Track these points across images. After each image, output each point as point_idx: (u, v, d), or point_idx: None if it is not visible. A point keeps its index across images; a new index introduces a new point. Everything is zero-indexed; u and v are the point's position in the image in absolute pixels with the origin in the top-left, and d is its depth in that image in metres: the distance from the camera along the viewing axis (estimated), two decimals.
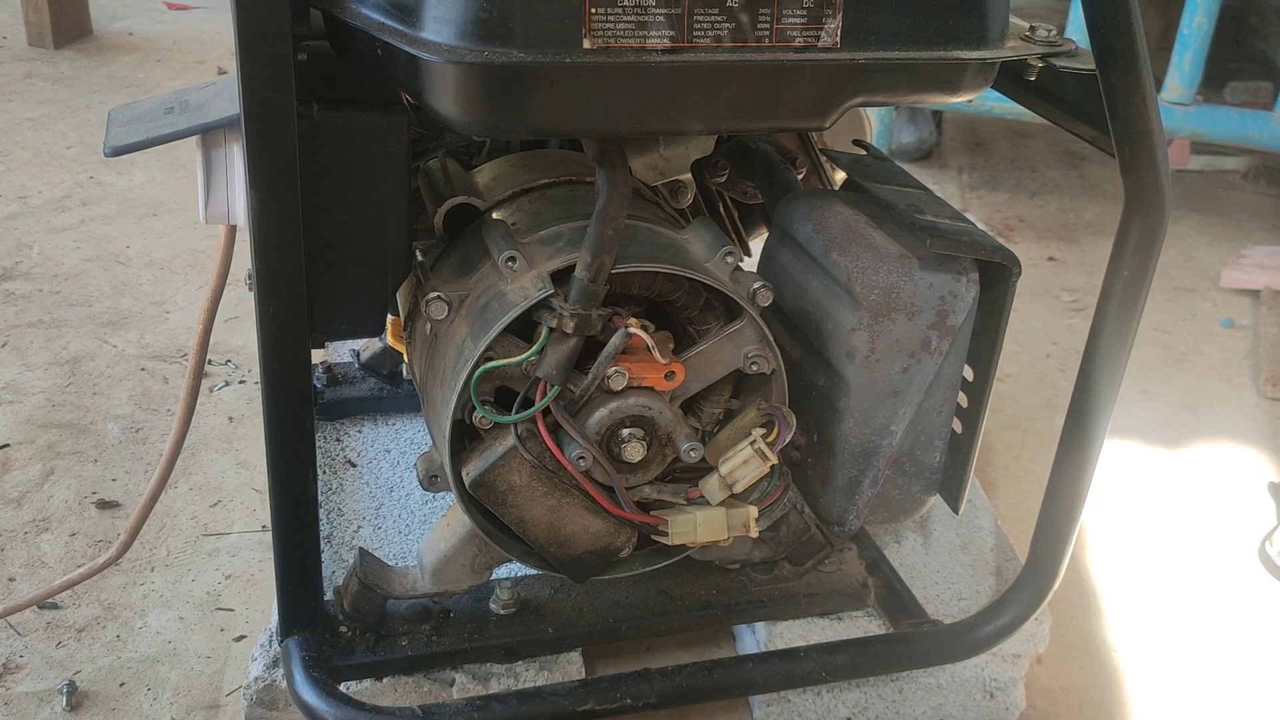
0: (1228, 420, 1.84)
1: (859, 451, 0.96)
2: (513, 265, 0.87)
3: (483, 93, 0.74)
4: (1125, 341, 0.95)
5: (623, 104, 0.77)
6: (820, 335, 0.96)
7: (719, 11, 0.76)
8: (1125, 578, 1.45)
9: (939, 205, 0.97)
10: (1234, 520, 1.58)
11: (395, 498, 1.28)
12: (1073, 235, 2.51)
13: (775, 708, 1.12)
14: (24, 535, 1.38)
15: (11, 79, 2.96)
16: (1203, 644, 1.35)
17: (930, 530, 1.29)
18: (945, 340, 0.92)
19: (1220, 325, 2.15)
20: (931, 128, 2.83)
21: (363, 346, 1.45)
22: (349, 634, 1.03)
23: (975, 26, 0.84)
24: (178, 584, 1.32)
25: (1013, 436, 1.73)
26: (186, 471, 1.50)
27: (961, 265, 0.91)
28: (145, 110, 1.12)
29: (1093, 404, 0.98)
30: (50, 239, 2.14)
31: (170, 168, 2.45)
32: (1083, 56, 0.92)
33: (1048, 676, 1.27)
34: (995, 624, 1.08)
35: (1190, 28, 2.33)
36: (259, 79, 0.75)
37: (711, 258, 0.91)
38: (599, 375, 0.86)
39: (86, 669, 1.20)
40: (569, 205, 0.97)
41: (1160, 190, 0.89)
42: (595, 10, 0.73)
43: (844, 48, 0.80)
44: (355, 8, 0.78)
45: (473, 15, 0.72)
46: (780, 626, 1.13)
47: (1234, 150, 2.83)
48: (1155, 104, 0.87)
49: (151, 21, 3.53)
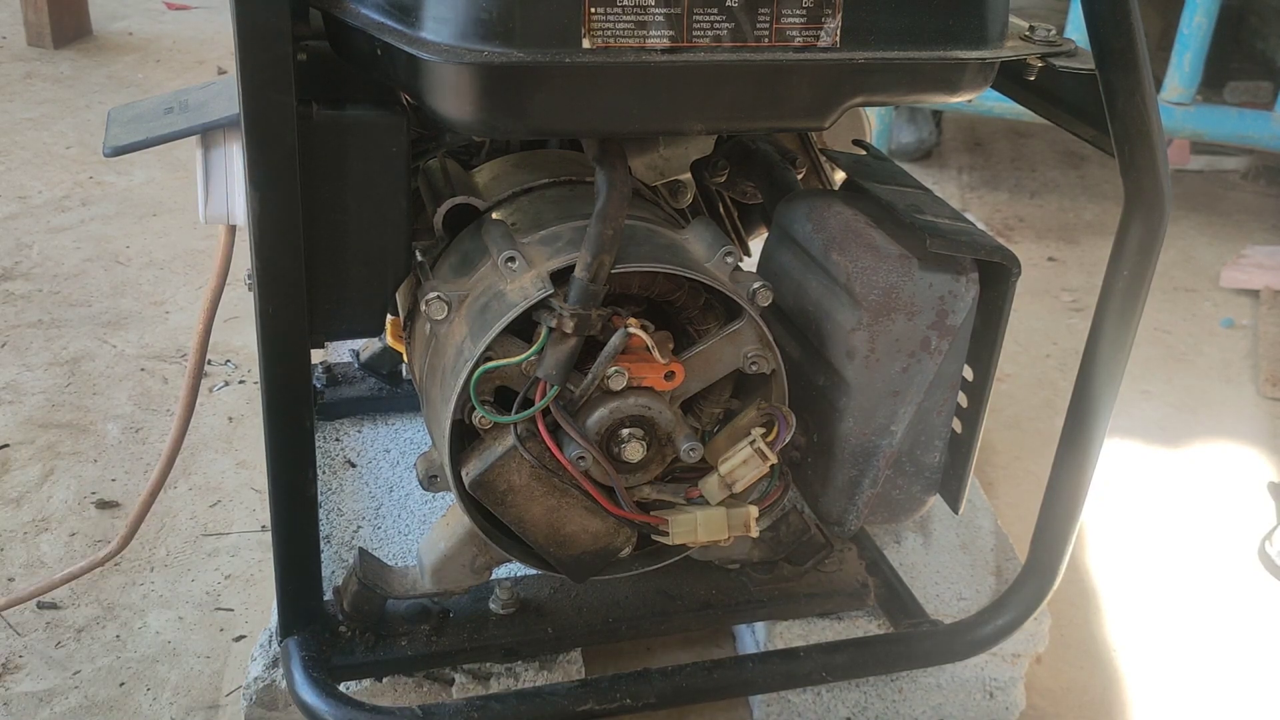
0: (1227, 420, 1.84)
1: (859, 451, 0.96)
2: (512, 265, 0.87)
3: (482, 93, 0.74)
4: (1125, 341, 0.95)
5: (622, 104, 0.77)
6: (820, 335, 0.96)
7: (718, 11, 0.76)
8: (1125, 578, 1.45)
9: (939, 205, 0.97)
10: (1234, 520, 1.58)
11: (395, 498, 1.28)
12: (1072, 235, 2.51)
13: (775, 708, 1.12)
14: (23, 535, 1.38)
15: (11, 79, 2.96)
16: (1203, 644, 1.35)
17: (930, 530, 1.29)
18: (945, 340, 0.92)
19: (1220, 325, 2.15)
20: (931, 128, 2.83)
21: (362, 346, 1.45)
22: (349, 634, 1.03)
23: (975, 26, 0.84)
24: (177, 584, 1.32)
25: (1013, 436, 1.73)
26: (186, 471, 1.50)
27: (961, 265, 0.91)
28: (145, 110, 1.12)
29: (1092, 404, 0.98)
30: (50, 239, 2.14)
31: (170, 168, 2.45)
32: (1082, 56, 0.92)
33: (1047, 676, 1.27)
34: (995, 624, 1.08)
35: (1190, 28, 2.33)
36: (259, 79, 0.75)
37: (711, 258, 0.91)
38: (599, 375, 0.86)
39: (86, 669, 1.20)
40: (569, 205, 0.97)
41: (1160, 190, 0.89)
42: (595, 10, 0.73)
43: (843, 47, 0.80)
44: (355, 8, 0.78)
45: (472, 15, 0.72)
46: (780, 626, 1.13)
47: (1234, 150, 2.83)
48: (1155, 104, 0.87)
49: (151, 21, 3.53)
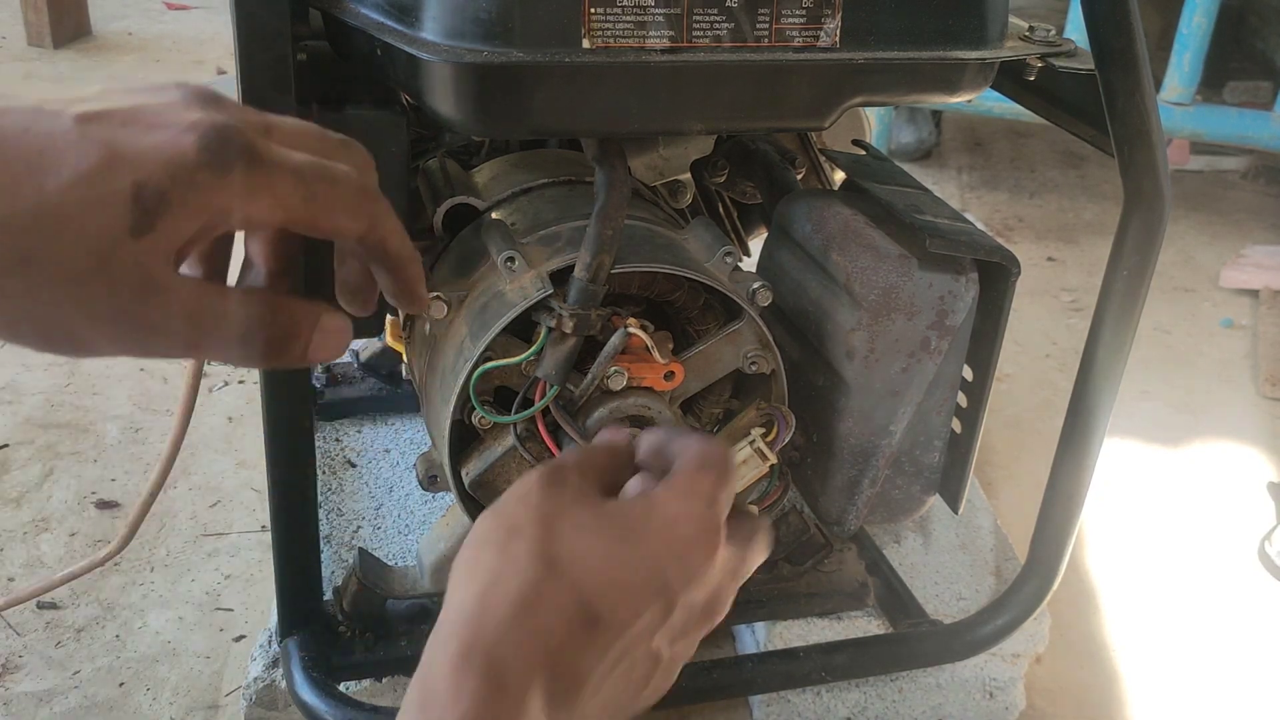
0: (1227, 420, 1.84)
1: (858, 451, 0.96)
2: (512, 265, 0.87)
3: (482, 92, 0.74)
4: (1124, 341, 0.95)
5: (622, 104, 0.77)
6: (819, 335, 0.96)
7: (718, 11, 0.76)
8: (1125, 578, 1.46)
9: (938, 205, 0.97)
10: (1233, 520, 1.58)
11: (395, 498, 1.28)
12: (1072, 235, 2.51)
13: (775, 708, 1.12)
14: (23, 535, 1.38)
15: (11, 79, 2.96)
16: (1202, 644, 1.35)
17: (930, 530, 1.29)
18: (944, 340, 0.92)
19: (1219, 325, 2.15)
20: (931, 128, 2.83)
21: (362, 346, 1.45)
22: (348, 634, 1.03)
23: (975, 26, 0.84)
24: (177, 584, 1.32)
25: (1012, 436, 1.73)
26: (186, 471, 1.50)
27: (961, 265, 0.91)
28: None
29: (1092, 404, 0.98)
30: None
31: None
32: (1082, 56, 0.92)
33: (1047, 676, 1.27)
34: (995, 624, 1.08)
35: (1189, 27, 2.33)
36: (259, 79, 0.75)
37: (711, 258, 0.91)
38: (598, 375, 0.86)
39: (86, 669, 1.20)
40: (568, 205, 0.97)
41: (1160, 190, 0.89)
42: (594, 10, 0.73)
43: (843, 48, 0.80)
44: (354, 7, 0.78)
45: (471, 15, 0.72)
46: (779, 626, 1.13)
47: (1233, 150, 2.83)
48: (1154, 104, 0.87)
49: (151, 21, 3.53)
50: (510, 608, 0.50)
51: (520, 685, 0.48)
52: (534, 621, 0.50)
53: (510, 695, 0.48)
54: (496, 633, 0.49)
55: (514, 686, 0.48)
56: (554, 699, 0.49)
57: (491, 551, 0.53)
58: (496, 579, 0.51)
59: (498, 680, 0.48)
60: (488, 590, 0.51)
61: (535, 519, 0.54)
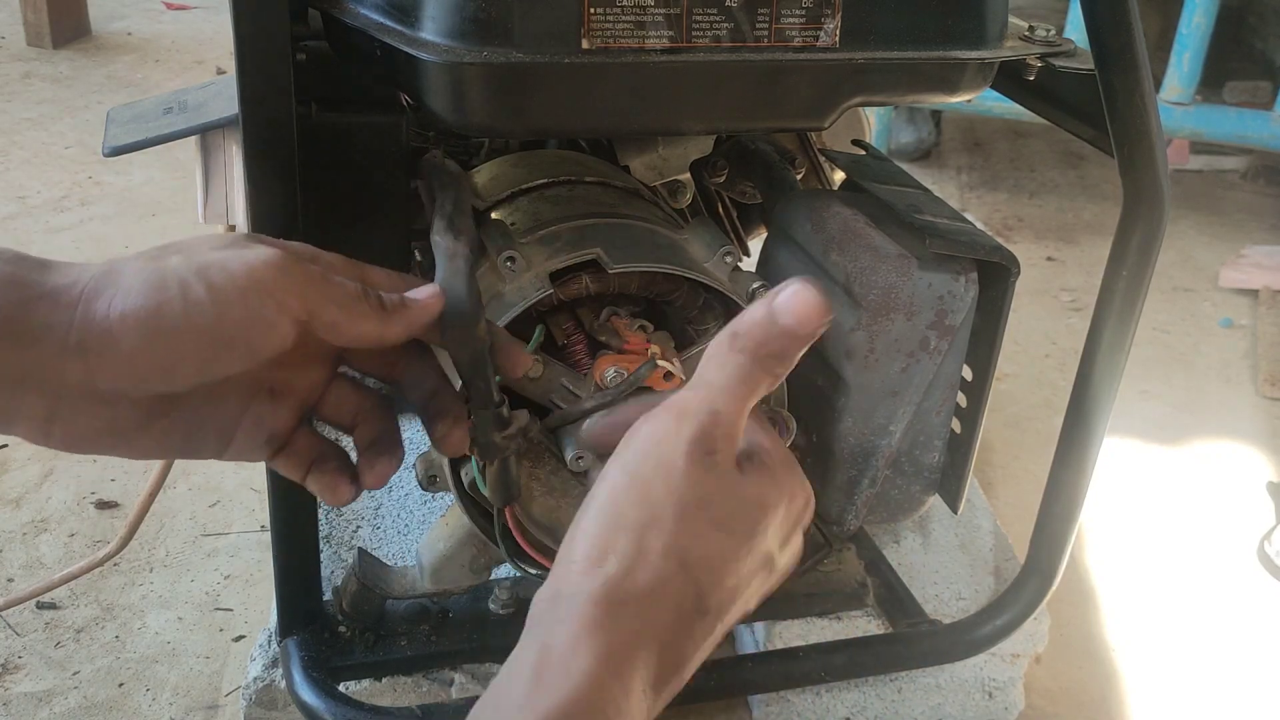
0: (1227, 420, 1.84)
1: (857, 451, 0.96)
2: (511, 265, 0.87)
3: (481, 93, 0.74)
4: (1124, 341, 0.95)
5: (622, 104, 0.77)
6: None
7: (718, 11, 0.76)
8: (1125, 578, 1.46)
9: (938, 205, 0.97)
10: (1233, 520, 1.58)
11: (395, 498, 1.28)
12: (1071, 235, 2.51)
13: (774, 708, 1.12)
14: (22, 535, 1.38)
15: (10, 79, 2.96)
16: (1202, 644, 1.35)
17: (929, 530, 1.29)
18: (944, 340, 0.92)
19: (1219, 325, 2.15)
20: (930, 128, 2.83)
21: None
22: (348, 634, 1.03)
23: (974, 26, 0.84)
24: (176, 584, 1.32)
25: (1012, 436, 1.73)
26: (185, 471, 1.50)
27: (960, 265, 0.91)
28: (144, 110, 1.12)
29: (1092, 403, 0.98)
30: (49, 239, 2.14)
31: (169, 168, 2.45)
32: (1082, 56, 0.92)
33: (1047, 676, 1.27)
34: (994, 624, 1.08)
35: (1189, 27, 2.33)
36: (258, 79, 0.75)
37: (710, 258, 0.91)
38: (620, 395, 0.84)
39: (85, 669, 1.20)
40: (568, 205, 0.97)
41: (1159, 190, 0.89)
42: (594, 10, 0.73)
43: (843, 47, 0.80)
44: (353, 8, 0.78)
45: (471, 15, 0.72)
46: (779, 626, 1.13)
47: (1233, 150, 2.83)
48: (1154, 104, 0.87)
49: (150, 21, 3.53)
50: (639, 603, 0.54)
51: (633, 667, 0.53)
52: (657, 613, 0.54)
53: (624, 676, 0.52)
54: (623, 619, 0.53)
55: (628, 668, 0.52)
56: (658, 681, 0.54)
57: (627, 540, 0.55)
58: (629, 570, 0.54)
59: (615, 663, 0.52)
60: (620, 579, 0.54)
61: (676, 514, 0.56)
